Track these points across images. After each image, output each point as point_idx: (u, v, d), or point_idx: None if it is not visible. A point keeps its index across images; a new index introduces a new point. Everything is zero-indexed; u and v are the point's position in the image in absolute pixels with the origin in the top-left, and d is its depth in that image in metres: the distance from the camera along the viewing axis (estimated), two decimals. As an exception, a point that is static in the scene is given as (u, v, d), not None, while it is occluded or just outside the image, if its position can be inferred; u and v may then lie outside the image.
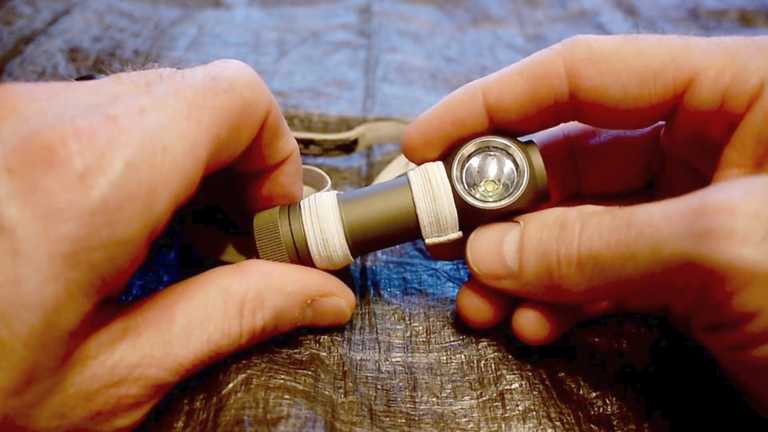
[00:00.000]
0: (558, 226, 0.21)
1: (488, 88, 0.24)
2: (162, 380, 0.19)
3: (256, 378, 0.22)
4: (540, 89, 0.23)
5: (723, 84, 0.21)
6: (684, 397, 0.23)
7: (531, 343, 0.24)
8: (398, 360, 0.25)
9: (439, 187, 0.23)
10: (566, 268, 0.21)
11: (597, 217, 0.20)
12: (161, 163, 0.18)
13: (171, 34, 0.53)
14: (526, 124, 0.24)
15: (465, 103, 0.24)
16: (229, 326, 0.21)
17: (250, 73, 0.22)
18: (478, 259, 0.23)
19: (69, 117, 0.17)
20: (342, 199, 0.24)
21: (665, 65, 0.21)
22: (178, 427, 0.21)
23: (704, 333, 0.19)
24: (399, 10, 0.60)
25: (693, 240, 0.17)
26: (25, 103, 0.18)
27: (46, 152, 0.16)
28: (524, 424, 0.23)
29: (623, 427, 0.22)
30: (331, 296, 0.24)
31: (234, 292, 0.21)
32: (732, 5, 0.60)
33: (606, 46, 0.22)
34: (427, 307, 0.28)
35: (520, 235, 0.22)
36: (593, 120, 0.24)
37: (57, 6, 0.55)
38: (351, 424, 0.22)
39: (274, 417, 0.21)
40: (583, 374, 0.24)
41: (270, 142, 0.23)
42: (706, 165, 0.23)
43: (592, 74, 0.22)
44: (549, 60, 0.23)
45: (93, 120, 0.17)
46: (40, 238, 0.15)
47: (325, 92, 0.46)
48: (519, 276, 0.22)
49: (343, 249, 0.24)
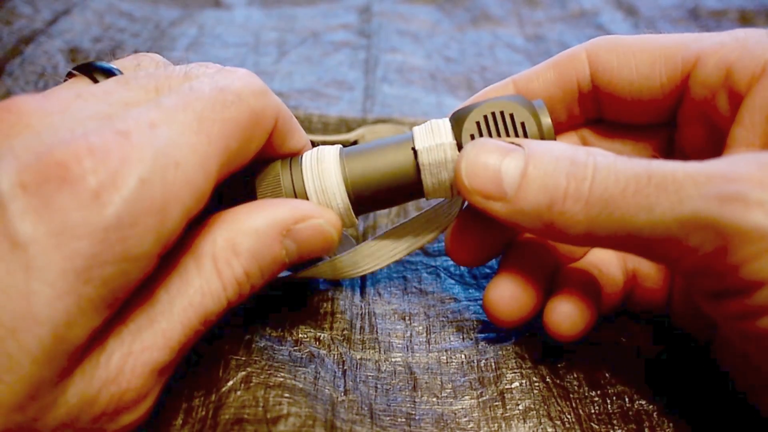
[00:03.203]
0: (568, 160, 0.20)
1: (519, 77, 0.26)
2: (157, 362, 0.19)
3: (255, 376, 0.22)
4: (564, 74, 0.25)
5: (728, 59, 0.22)
6: (685, 396, 0.23)
7: (565, 339, 0.23)
8: (398, 360, 0.25)
9: (442, 135, 0.23)
10: (572, 205, 0.20)
11: (613, 159, 0.20)
12: (174, 179, 0.18)
13: (171, 34, 0.53)
14: (553, 114, 0.26)
15: (497, 91, 0.27)
16: (208, 283, 0.20)
17: (257, 82, 0.22)
18: (471, 173, 0.22)
19: (82, 133, 0.17)
20: (345, 153, 0.24)
21: (676, 48, 0.23)
22: (177, 424, 0.21)
23: (708, 300, 0.19)
24: (399, 10, 0.60)
25: (718, 202, 0.17)
26: (37, 117, 0.18)
27: (61, 169, 0.16)
28: (525, 424, 0.23)
29: (624, 425, 0.22)
30: (308, 219, 0.22)
31: (202, 248, 0.21)
32: (732, 5, 0.60)
33: (626, 38, 0.25)
34: (427, 306, 0.28)
35: (524, 161, 0.21)
36: (610, 109, 0.26)
37: (57, 6, 0.55)
38: (351, 423, 0.22)
39: (273, 416, 0.21)
40: (583, 373, 0.24)
41: (282, 144, 0.23)
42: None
43: (610, 58, 0.24)
44: (574, 50, 0.26)
45: (106, 137, 0.17)
46: (53, 255, 0.16)
47: (325, 93, 0.46)
48: (513, 202, 0.21)
49: (345, 203, 0.23)
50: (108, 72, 0.22)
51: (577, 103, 0.26)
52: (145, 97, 0.20)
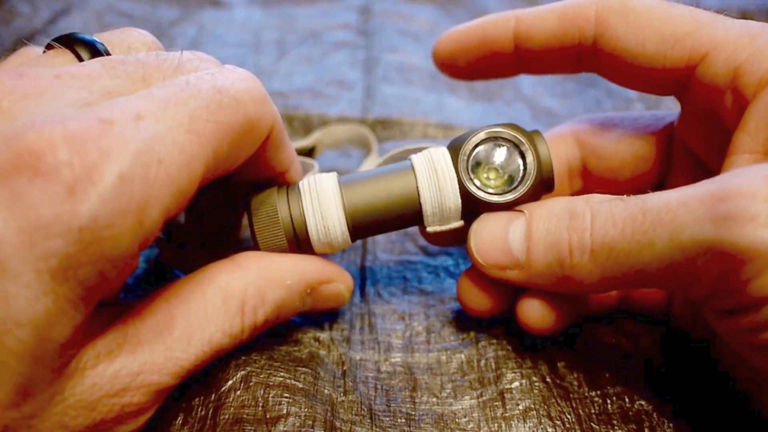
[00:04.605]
0: (567, 215, 0.21)
1: (522, 16, 0.25)
2: (164, 384, 0.19)
3: (255, 375, 0.22)
4: (567, 27, 0.24)
5: (738, 60, 0.21)
6: (685, 396, 0.23)
7: (536, 332, 0.23)
8: (398, 360, 0.25)
9: (445, 177, 0.23)
10: (579, 257, 0.20)
11: (608, 205, 0.20)
12: (155, 177, 0.17)
13: (170, 34, 0.53)
14: (545, 60, 0.25)
15: (497, 23, 0.26)
16: (231, 325, 0.21)
17: (257, 87, 0.21)
18: (482, 250, 0.23)
19: (59, 118, 0.16)
20: (343, 181, 0.24)
21: (687, 33, 0.22)
22: (177, 424, 0.21)
23: (719, 318, 0.19)
24: (399, 10, 0.60)
25: (714, 224, 0.17)
26: (11, 100, 0.17)
27: (33, 159, 0.15)
28: (525, 424, 0.23)
29: (624, 425, 0.22)
30: (331, 282, 0.24)
31: (233, 290, 0.21)
32: (732, 5, 0.60)
33: (639, 3, 0.23)
34: (427, 306, 0.28)
35: (527, 225, 0.22)
36: (608, 71, 0.25)
37: (56, 5, 0.54)
38: (351, 423, 0.22)
39: (273, 415, 0.21)
40: (583, 372, 0.24)
41: (273, 155, 0.23)
42: (715, 156, 0.23)
43: (618, 24, 0.23)
44: (583, 4, 0.24)
45: (85, 124, 0.16)
46: (27, 254, 0.15)
47: (325, 92, 0.46)
48: (526, 266, 0.22)
49: (344, 234, 0.23)
50: (91, 45, 0.20)
51: (573, 56, 0.25)
52: (131, 87, 0.19)
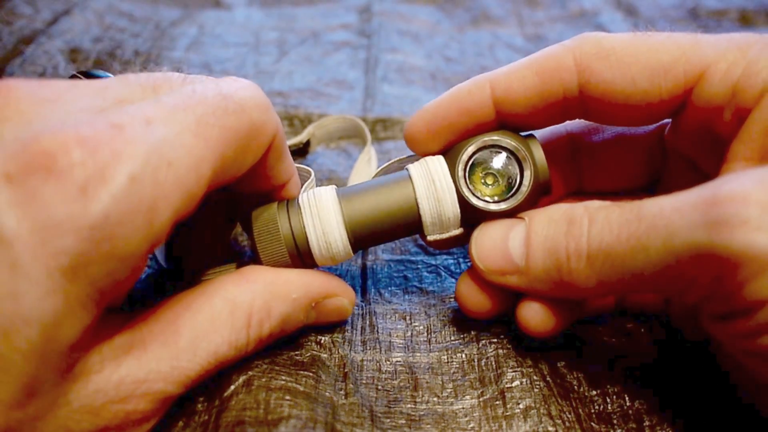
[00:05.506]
0: (565, 221, 0.21)
1: (497, 80, 0.23)
2: (169, 393, 0.19)
3: (257, 379, 0.22)
4: (549, 83, 0.23)
5: (734, 77, 0.21)
6: (685, 395, 0.23)
7: (535, 335, 0.24)
8: (399, 360, 0.25)
9: (443, 187, 0.23)
10: (576, 263, 0.21)
11: (605, 211, 0.20)
12: (165, 179, 0.17)
13: (171, 34, 0.53)
14: (533, 119, 0.24)
15: (472, 94, 0.24)
16: (237, 338, 0.21)
17: (260, 95, 0.21)
18: (483, 256, 0.23)
19: (73, 123, 0.17)
20: (342, 194, 0.24)
21: (676, 59, 0.21)
22: (179, 427, 0.21)
23: (714, 323, 0.19)
24: (399, 10, 0.60)
25: (706, 229, 0.17)
26: (29, 104, 0.17)
27: (47, 159, 0.15)
28: (525, 423, 0.23)
29: (624, 425, 0.22)
30: (334, 297, 0.24)
31: (240, 303, 0.21)
32: (732, 5, 0.60)
33: (616, 42, 0.22)
34: (428, 305, 0.28)
35: (526, 231, 0.22)
36: (601, 117, 0.24)
37: (57, 6, 0.55)
38: (351, 426, 0.22)
39: (274, 418, 0.21)
40: (583, 372, 0.24)
41: (274, 164, 0.23)
42: (710, 162, 0.23)
43: (602, 69, 0.22)
44: (559, 54, 0.23)
45: (97, 128, 0.16)
46: (39, 252, 0.15)
47: (325, 92, 0.46)
48: (526, 272, 0.22)
49: (345, 247, 0.24)
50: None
51: (560, 108, 0.24)
52: (142, 96, 0.20)
